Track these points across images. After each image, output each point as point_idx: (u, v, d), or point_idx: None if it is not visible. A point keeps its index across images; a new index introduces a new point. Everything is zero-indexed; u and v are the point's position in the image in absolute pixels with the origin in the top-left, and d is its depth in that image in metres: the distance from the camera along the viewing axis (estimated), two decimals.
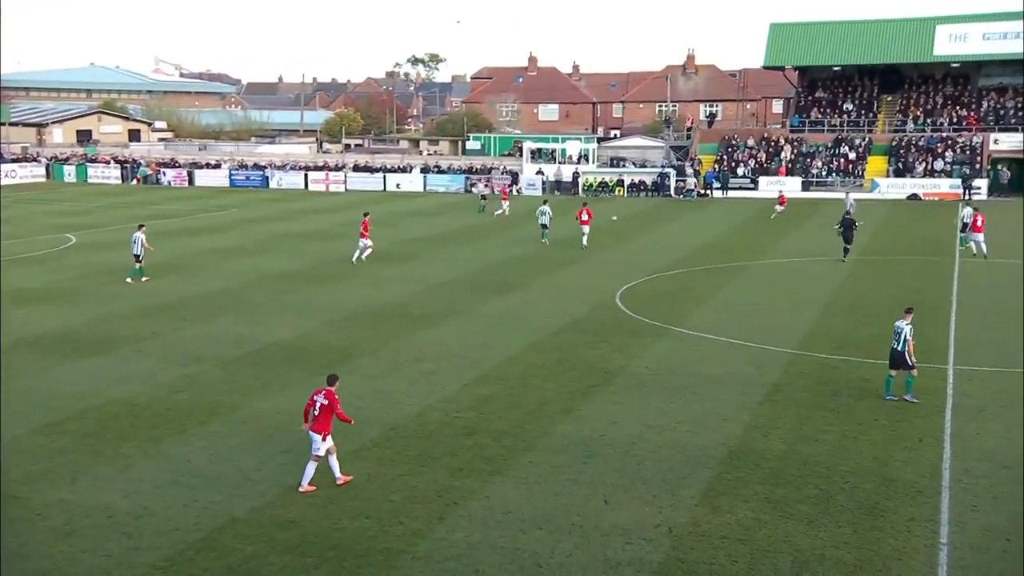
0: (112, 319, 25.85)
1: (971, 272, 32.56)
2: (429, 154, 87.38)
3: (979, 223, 35.62)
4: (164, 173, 74.36)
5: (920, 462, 15.23)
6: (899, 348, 18.20)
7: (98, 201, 57.19)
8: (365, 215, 37.30)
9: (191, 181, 73.33)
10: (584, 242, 38.63)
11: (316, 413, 14.13)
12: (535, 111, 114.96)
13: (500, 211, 50.79)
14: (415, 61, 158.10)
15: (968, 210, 38.30)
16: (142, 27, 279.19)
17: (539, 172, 67.57)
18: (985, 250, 35.12)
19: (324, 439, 14.08)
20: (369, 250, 35.63)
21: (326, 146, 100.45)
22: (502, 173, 69.34)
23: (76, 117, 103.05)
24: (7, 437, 16.49)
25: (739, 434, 16.60)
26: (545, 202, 43.11)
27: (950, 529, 12.81)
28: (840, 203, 47.83)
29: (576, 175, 65.99)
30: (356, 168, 73.78)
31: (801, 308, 26.92)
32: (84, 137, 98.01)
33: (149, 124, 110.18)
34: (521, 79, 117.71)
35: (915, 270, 33.16)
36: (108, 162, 77.67)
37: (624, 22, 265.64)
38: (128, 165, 76.24)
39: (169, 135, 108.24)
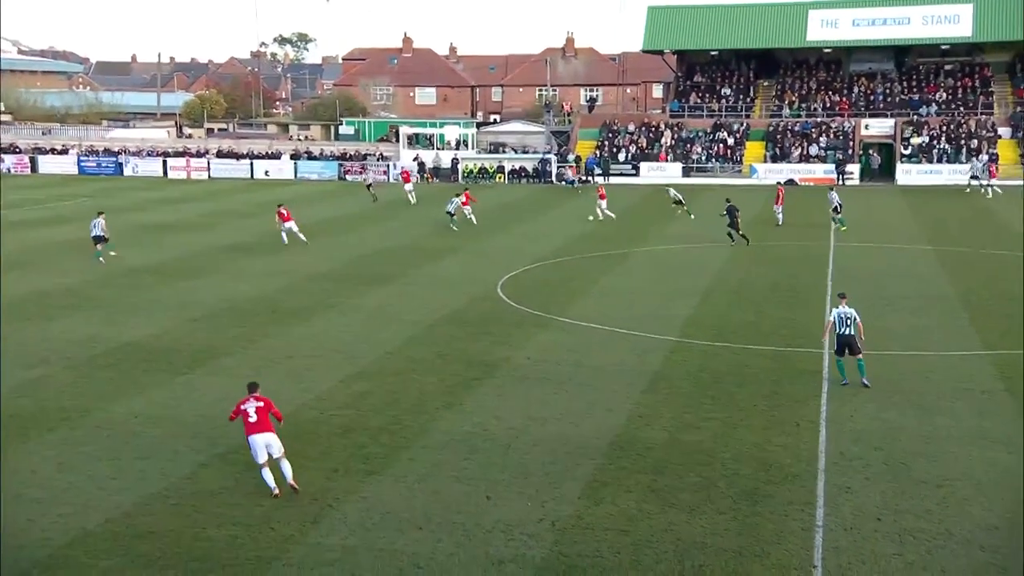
0: None
1: (847, 256, 34.16)
2: (300, 139, 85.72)
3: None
4: (3, 159, 70.51)
5: (798, 446, 15.91)
6: (849, 332, 18.76)
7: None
8: (280, 205, 38.60)
9: (34, 168, 69.87)
10: (473, 220, 41.39)
11: (254, 419, 13.97)
12: (411, 95, 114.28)
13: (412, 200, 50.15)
14: (283, 41, 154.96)
15: (834, 194, 41.54)
16: None
17: (416, 159, 67.22)
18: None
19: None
20: (298, 234, 36.74)
21: (187, 131, 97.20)
22: (378, 160, 68.72)
23: None
24: None
25: (622, 424, 16.96)
26: (457, 195, 42.48)
27: (825, 511, 13.43)
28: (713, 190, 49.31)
29: (456, 161, 65.98)
30: (220, 154, 71.76)
31: (681, 296, 27.70)
32: None
33: None
34: (396, 61, 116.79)
35: (791, 255, 34.57)
36: None
37: (502, 2, 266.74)
38: None
39: (7, 118, 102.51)
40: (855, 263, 32.89)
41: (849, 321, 18.91)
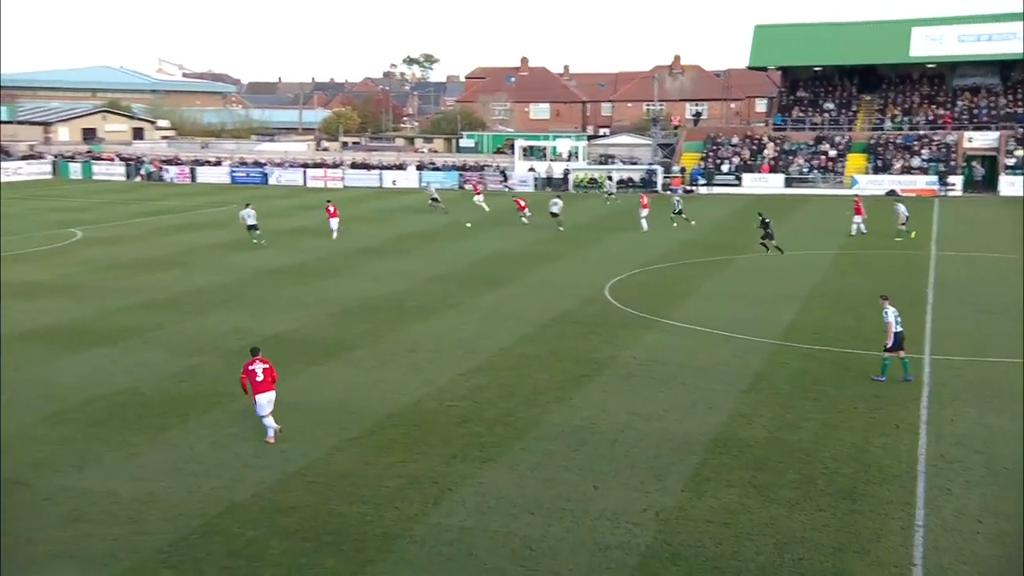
0: (117, 312, 25.77)
1: (948, 266, 32.63)
2: (424, 151, 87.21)
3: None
4: (167, 170, 74.06)
5: (897, 448, 15.28)
6: (903, 330, 18.70)
7: (103, 197, 56.91)
8: (328, 201, 40.88)
9: (193, 178, 73.05)
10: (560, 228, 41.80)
11: (261, 379, 15.41)
12: (526, 110, 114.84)
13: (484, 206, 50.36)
14: (411, 61, 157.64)
15: (902, 206, 40.14)
16: (146, 28, 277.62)
17: (531, 169, 67.52)
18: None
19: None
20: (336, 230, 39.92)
21: (324, 144, 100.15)
22: (494, 170, 69.31)
23: (81, 116, 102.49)
24: (17, 425, 16.42)
25: (724, 422, 16.63)
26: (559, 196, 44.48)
27: (925, 512, 12.86)
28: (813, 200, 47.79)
29: (566, 172, 65.94)
30: (353, 165, 73.60)
31: (783, 300, 26.97)
32: (89, 135, 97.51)
33: (153, 123, 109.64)
34: (513, 79, 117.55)
35: (893, 264, 33.23)
36: (112, 159, 77.31)
37: (613, 24, 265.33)
38: (132, 162, 75.90)
39: (172, 133, 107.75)
40: (956, 272, 31.39)
41: (899, 320, 18.60)
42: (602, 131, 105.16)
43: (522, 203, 46.13)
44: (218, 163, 76.09)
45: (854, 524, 12.53)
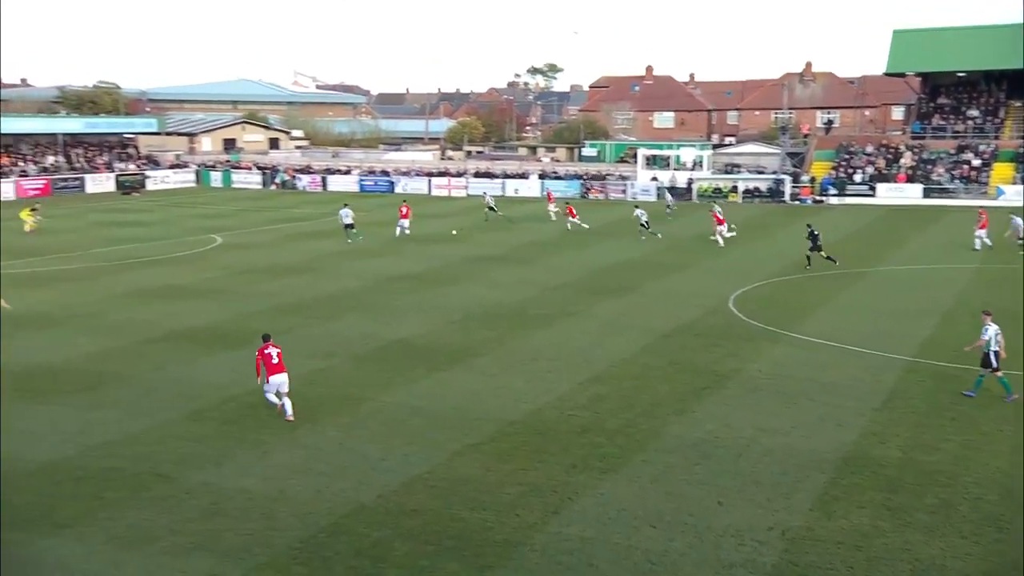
0: (251, 315, 26.89)
1: None
2: (547, 160, 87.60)
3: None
4: (300, 179, 77.00)
5: None
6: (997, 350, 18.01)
7: (240, 205, 59.63)
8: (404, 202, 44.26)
9: (324, 186, 75.69)
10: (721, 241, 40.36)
11: (276, 361, 17.35)
12: (650, 119, 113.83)
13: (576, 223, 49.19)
14: (535, 71, 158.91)
15: (1019, 219, 38.15)
16: (284, 43, 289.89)
17: (654, 179, 66.85)
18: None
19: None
20: (406, 230, 42.84)
21: (449, 153, 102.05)
22: (617, 179, 68.97)
23: (223, 127, 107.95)
24: (161, 421, 17.37)
25: (855, 440, 15.99)
26: (637, 206, 44.92)
27: None
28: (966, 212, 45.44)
29: (691, 181, 64.98)
30: (477, 174, 74.66)
31: (920, 315, 25.74)
32: (229, 145, 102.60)
33: (287, 133, 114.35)
34: (637, 88, 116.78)
35: None
36: (250, 168, 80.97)
37: (742, 31, 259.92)
38: (268, 171, 79.30)
39: (305, 143, 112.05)
40: None
41: (999, 339, 17.90)
42: (728, 140, 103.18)
43: (573, 210, 47.19)
44: (348, 172, 78.59)
45: (1001, 554, 11.81)
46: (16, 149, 70.79)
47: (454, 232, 44.67)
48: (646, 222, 43.38)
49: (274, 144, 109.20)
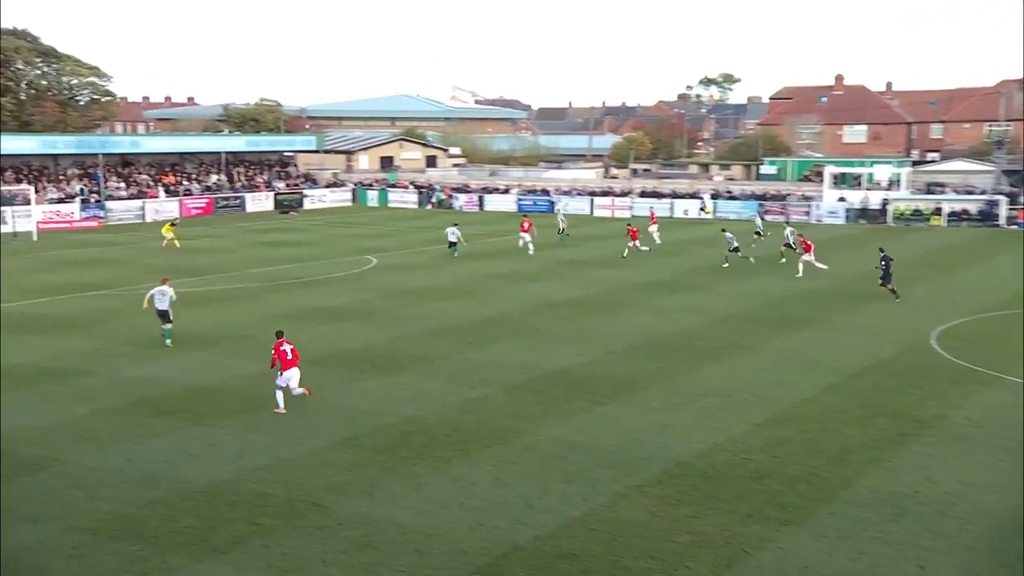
0: (406, 339, 27.71)
1: None
2: (719, 179, 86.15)
3: None
4: (457, 198, 79.05)
5: None
6: None
7: (396, 225, 61.78)
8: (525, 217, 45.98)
9: (481, 206, 77.34)
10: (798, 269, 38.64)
11: (290, 357, 20.09)
12: (839, 132, 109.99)
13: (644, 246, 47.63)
14: (708, 82, 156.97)
15: None
16: (442, 57, 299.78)
17: (841, 199, 64.41)
18: None
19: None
20: (529, 244, 45.55)
21: (613, 171, 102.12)
22: (800, 200, 66.94)
23: (380, 144, 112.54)
24: (314, 447, 18.13)
25: None
26: (724, 229, 44.07)
27: None
28: None
29: (885, 202, 62.19)
30: (643, 194, 74.30)
31: None
32: (387, 163, 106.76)
33: (445, 150, 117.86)
34: (825, 98, 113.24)
35: None
36: (407, 187, 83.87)
37: (949, 35, 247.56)
38: (424, 190, 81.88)
39: (463, 161, 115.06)
40: None
41: None
42: (930, 156, 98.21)
43: (634, 231, 46.78)
44: (506, 191, 79.99)
45: None
46: (181, 168, 76.29)
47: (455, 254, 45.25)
48: (736, 247, 42.20)
49: (431, 162, 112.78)
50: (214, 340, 27.52)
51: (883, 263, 32.94)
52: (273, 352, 20.28)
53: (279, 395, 20.29)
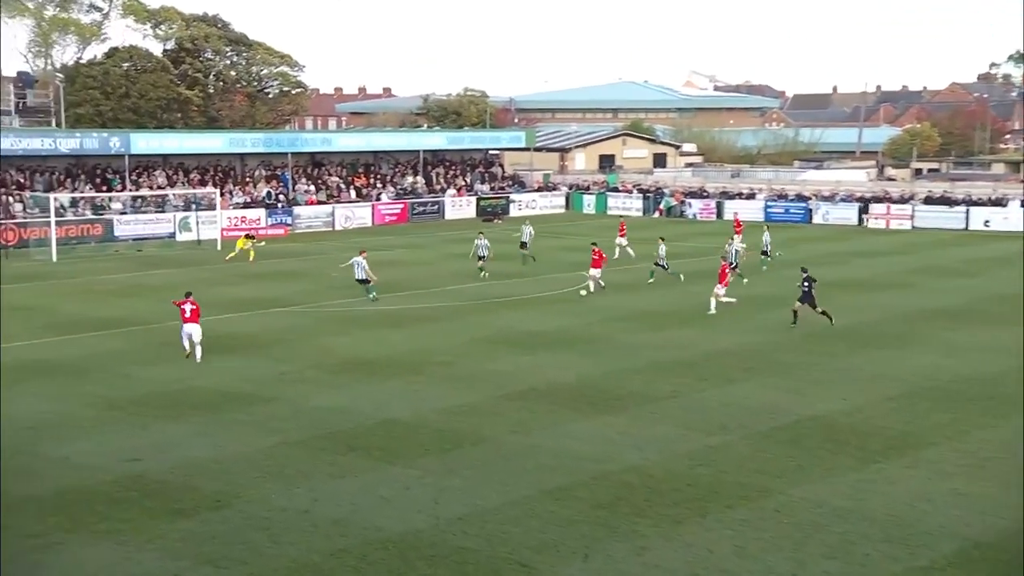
0: (627, 372, 27.74)
1: None
2: None
3: None
4: (690, 204, 78.43)
5: None
6: None
7: (614, 235, 62.01)
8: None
9: (719, 213, 76.27)
10: None
11: (188, 315, 28.46)
12: None
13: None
14: (1020, 58, 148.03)
15: None
16: (676, 36, 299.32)
17: None
18: None
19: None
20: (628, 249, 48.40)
21: (889, 171, 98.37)
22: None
23: (599, 140, 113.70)
24: (519, 496, 18.46)
25: None
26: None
27: None
28: None
29: None
30: (928, 200, 71.11)
31: None
32: (607, 163, 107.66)
33: (676, 147, 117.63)
34: None
35: None
36: (630, 191, 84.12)
37: None
38: (651, 194, 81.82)
39: (698, 159, 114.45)
40: None
41: None
42: None
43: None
44: (751, 196, 78.69)
45: None
46: (376, 168, 79.83)
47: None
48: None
49: (659, 160, 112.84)
50: (410, 366, 28.59)
51: (805, 284, 33.33)
52: (178, 307, 28.84)
53: (184, 343, 28.79)
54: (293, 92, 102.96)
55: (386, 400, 25.17)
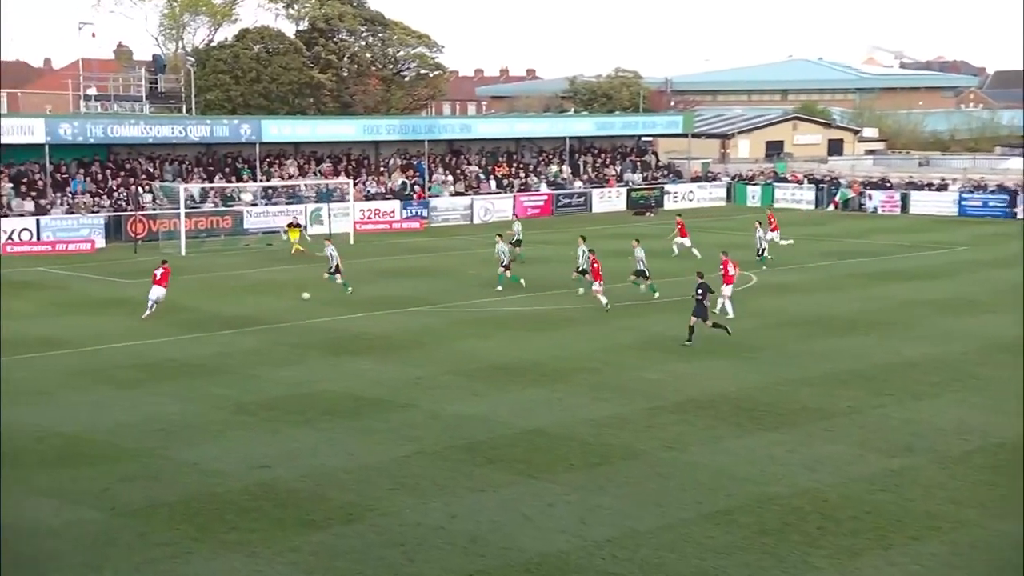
0: (796, 384, 27.30)
1: None
2: None
3: None
4: (870, 196, 76.47)
5: None
6: None
7: (785, 231, 60.95)
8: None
9: (904, 207, 74.23)
10: None
11: (159, 278, 35.02)
12: None
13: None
14: None
15: None
16: (855, 6, 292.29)
17: None
18: None
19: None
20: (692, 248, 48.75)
21: None
22: None
23: (766, 125, 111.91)
24: (675, 518, 18.34)
25: None
26: None
27: None
28: None
29: None
30: None
31: None
32: (774, 150, 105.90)
33: (855, 132, 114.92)
34: None
35: None
36: (800, 181, 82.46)
37: None
38: (825, 185, 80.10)
39: (880, 146, 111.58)
40: None
41: None
42: None
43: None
44: (943, 187, 76.21)
45: None
46: (519, 156, 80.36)
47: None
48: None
49: (835, 147, 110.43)
50: (553, 373, 28.69)
51: (698, 292, 31.82)
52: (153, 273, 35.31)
53: (150, 304, 35.29)
54: (431, 75, 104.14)
55: (528, 409, 25.32)
